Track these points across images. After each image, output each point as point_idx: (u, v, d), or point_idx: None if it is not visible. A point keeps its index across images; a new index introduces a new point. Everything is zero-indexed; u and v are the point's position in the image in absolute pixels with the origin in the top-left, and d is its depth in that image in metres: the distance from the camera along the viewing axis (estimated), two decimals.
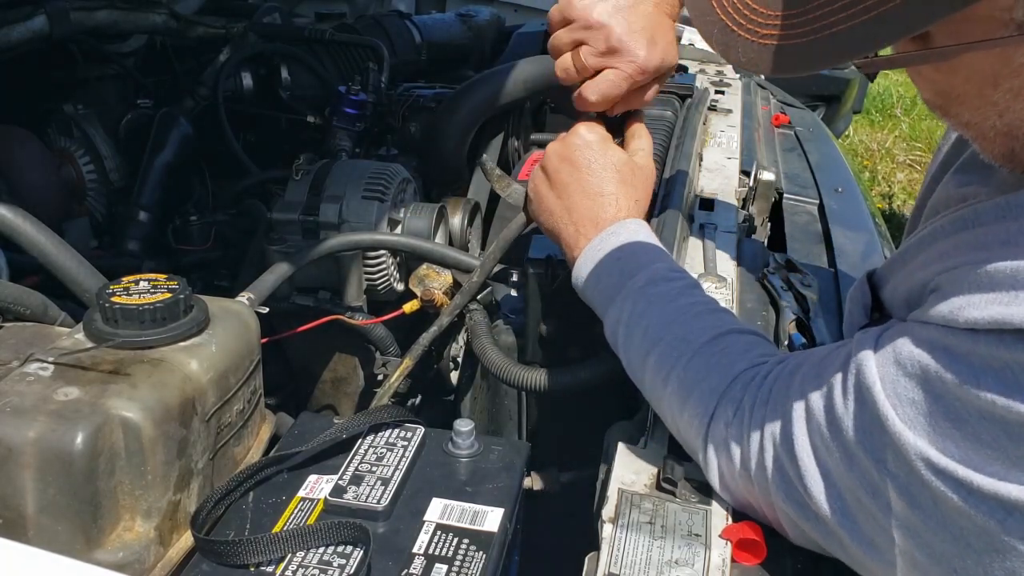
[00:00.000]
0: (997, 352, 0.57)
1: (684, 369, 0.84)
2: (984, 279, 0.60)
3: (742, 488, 0.79)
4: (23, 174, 1.56)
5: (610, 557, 0.75)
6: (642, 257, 0.96)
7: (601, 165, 1.03)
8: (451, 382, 1.60)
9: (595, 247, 0.98)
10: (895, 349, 0.65)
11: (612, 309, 0.93)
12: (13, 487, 0.70)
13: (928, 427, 0.61)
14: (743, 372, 0.81)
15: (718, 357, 0.83)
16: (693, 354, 0.84)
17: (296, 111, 1.94)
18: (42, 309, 0.94)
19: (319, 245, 1.31)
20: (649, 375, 0.88)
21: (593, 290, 0.97)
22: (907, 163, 5.41)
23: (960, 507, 0.59)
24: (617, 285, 0.94)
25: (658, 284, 0.92)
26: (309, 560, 0.75)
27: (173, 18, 1.83)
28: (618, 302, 0.93)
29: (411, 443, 0.90)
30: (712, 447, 0.81)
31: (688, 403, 0.83)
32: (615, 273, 0.95)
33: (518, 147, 2.06)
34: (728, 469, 0.79)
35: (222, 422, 0.84)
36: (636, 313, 0.90)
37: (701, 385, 0.82)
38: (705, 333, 0.86)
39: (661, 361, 0.86)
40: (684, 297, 0.91)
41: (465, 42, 2.60)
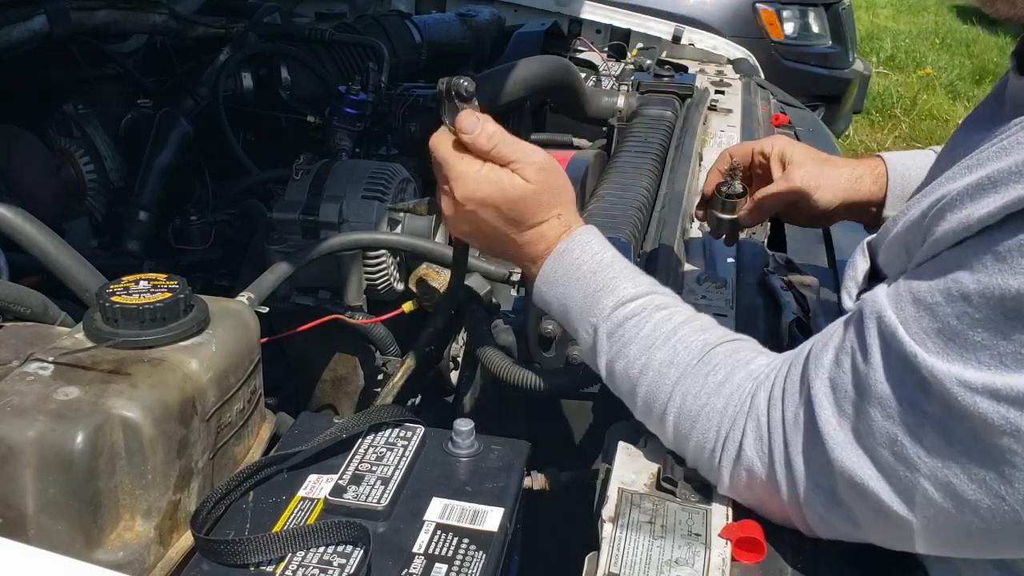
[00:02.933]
0: (1019, 234, 0.57)
1: (681, 398, 0.80)
2: (987, 183, 0.60)
3: (765, 499, 0.77)
4: (23, 174, 1.56)
5: (610, 557, 0.75)
6: (600, 277, 0.88)
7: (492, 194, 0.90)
8: (451, 382, 1.60)
9: (548, 275, 0.91)
10: (910, 290, 0.65)
11: (585, 340, 0.89)
12: (13, 487, 0.70)
13: (960, 349, 0.60)
14: (743, 383, 0.79)
15: (713, 376, 0.80)
16: (684, 378, 0.81)
17: (296, 111, 1.94)
18: (42, 309, 0.94)
19: (319, 245, 1.31)
20: (642, 407, 0.84)
21: (561, 316, 0.92)
22: None
23: (1001, 423, 0.59)
24: (583, 313, 0.88)
25: (627, 305, 0.86)
26: (309, 560, 0.75)
27: (173, 18, 1.83)
28: (590, 335, 0.87)
29: (411, 443, 0.90)
30: (729, 469, 0.78)
31: (693, 433, 0.80)
32: (577, 298, 0.88)
33: None
34: (748, 484, 0.77)
35: (222, 422, 0.84)
36: (614, 347, 0.85)
37: (704, 411, 0.79)
38: (690, 353, 0.82)
39: (653, 393, 0.82)
40: (657, 315, 0.85)
41: (465, 42, 2.60)
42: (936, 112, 6.32)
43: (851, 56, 4.75)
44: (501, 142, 0.89)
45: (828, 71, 4.56)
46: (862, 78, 4.80)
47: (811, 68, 4.47)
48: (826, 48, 4.58)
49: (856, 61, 4.82)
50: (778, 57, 4.31)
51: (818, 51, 4.54)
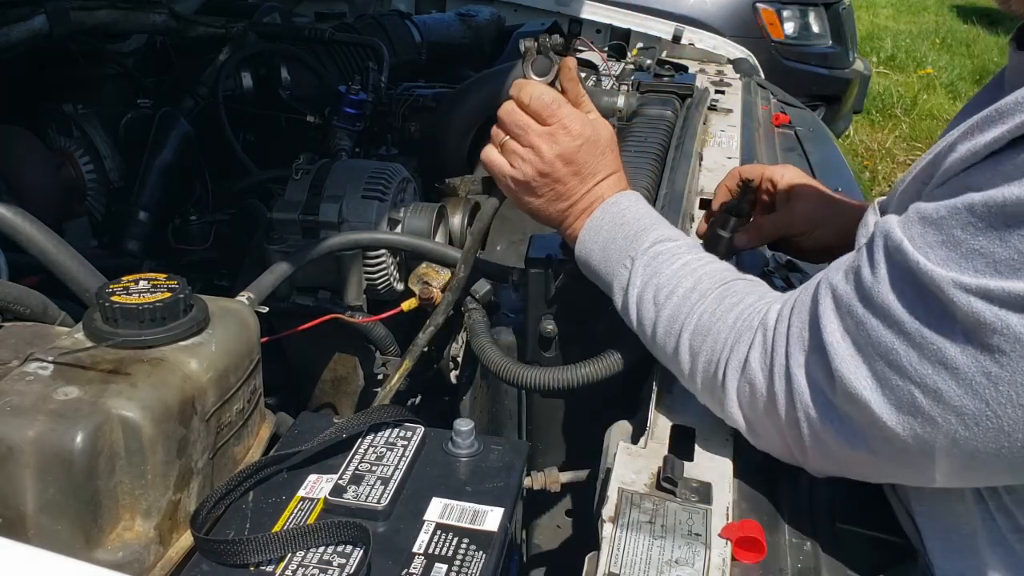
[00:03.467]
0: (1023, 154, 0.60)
1: (698, 316, 0.85)
2: (993, 115, 0.63)
3: (765, 418, 0.79)
4: (23, 174, 1.56)
5: (610, 557, 0.75)
6: (644, 222, 0.96)
7: (585, 141, 1.00)
8: (451, 382, 1.60)
9: (596, 221, 0.98)
10: (917, 211, 0.68)
11: (620, 275, 0.94)
12: (13, 486, 0.70)
13: (959, 258, 0.63)
14: (755, 304, 0.83)
15: (729, 298, 0.85)
16: (703, 300, 0.86)
17: (296, 111, 1.94)
18: (42, 309, 0.94)
19: (319, 244, 1.31)
20: (662, 330, 0.89)
21: (600, 260, 0.98)
22: (907, 163, 5.41)
23: (993, 321, 0.61)
24: (624, 250, 0.95)
25: (664, 243, 0.93)
26: (309, 560, 0.75)
27: (173, 18, 1.83)
28: (627, 267, 0.94)
29: (411, 443, 0.90)
30: (731, 381, 0.81)
31: (704, 345, 0.84)
32: (619, 239, 0.96)
33: None
34: (749, 400, 0.80)
35: (222, 421, 0.84)
36: (647, 274, 0.91)
37: (716, 325, 0.83)
38: (713, 280, 0.87)
39: (674, 313, 0.87)
40: (689, 253, 0.92)
41: (465, 42, 2.60)
42: (936, 112, 6.32)
43: (851, 56, 4.75)
44: (585, 92, 1.04)
45: (828, 71, 4.56)
46: (862, 78, 4.80)
47: (811, 68, 4.47)
48: (826, 48, 4.58)
49: (856, 61, 4.82)
50: (778, 57, 4.31)
51: (818, 51, 4.54)
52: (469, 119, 1.83)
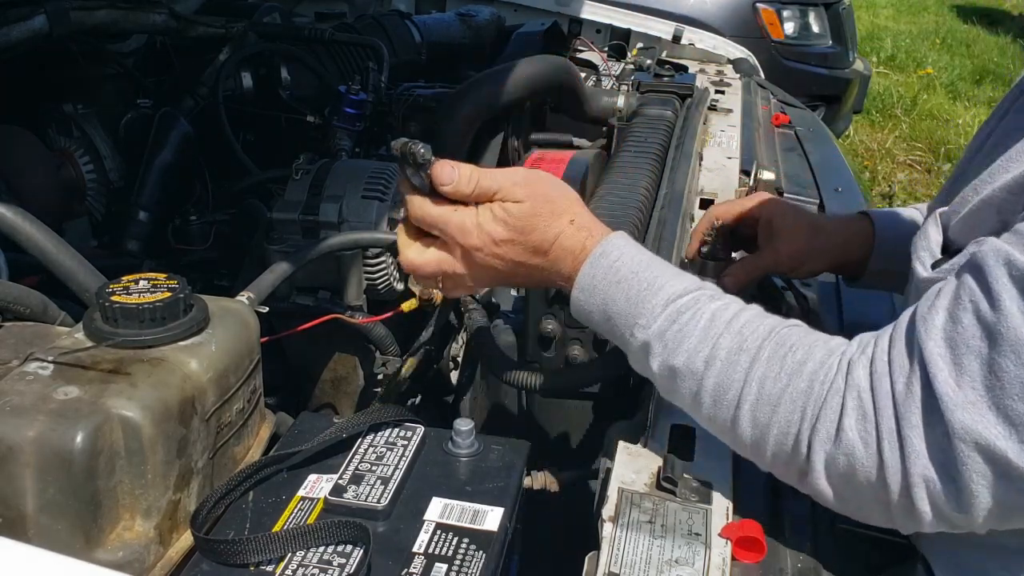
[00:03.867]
0: None
1: (758, 383, 0.75)
2: None
3: (866, 489, 0.71)
4: (23, 174, 1.56)
5: (610, 556, 0.75)
6: (643, 276, 0.83)
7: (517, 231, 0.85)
8: (451, 382, 1.60)
9: (586, 279, 0.85)
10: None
11: (631, 344, 0.83)
12: (13, 486, 0.70)
13: None
14: (826, 360, 0.73)
15: (791, 356, 0.74)
16: (758, 362, 0.75)
17: (296, 111, 1.94)
18: (42, 308, 0.94)
19: (319, 244, 1.31)
20: (709, 401, 0.78)
21: (601, 323, 0.86)
22: (907, 163, 5.41)
23: None
24: (629, 316, 0.82)
25: (677, 300, 0.81)
26: (309, 559, 0.75)
27: (173, 18, 1.83)
28: (637, 337, 0.82)
29: (411, 442, 0.90)
30: (820, 454, 0.72)
31: (775, 418, 0.74)
32: (620, 301, 0.83)
33: (518, 147, 2.06)
34: (846, 471, 0.71)
35: (222, 421, 0.84)
36: (671, 342, 0.79)
37: (787, 393, 0.73)
38: (759, 336, 0.76)
39: (722, 382, 0.77)
40: (712, 302, 0.80)
41: (465, 42, 2.60)
42: (936, 112, 6.32)
43: (851, 56, 4.75)
44: (479, 177, 0.85)
45: (828, 71, 4.56)
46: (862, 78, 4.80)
47: (811, 68, 4.48)
48: (826, 48, 4.58)
49: (856, 61, 4.83)
50: (778, 57, 4.32)
51: (818, 51, 4.54)
52: (469, 119, 1.83)
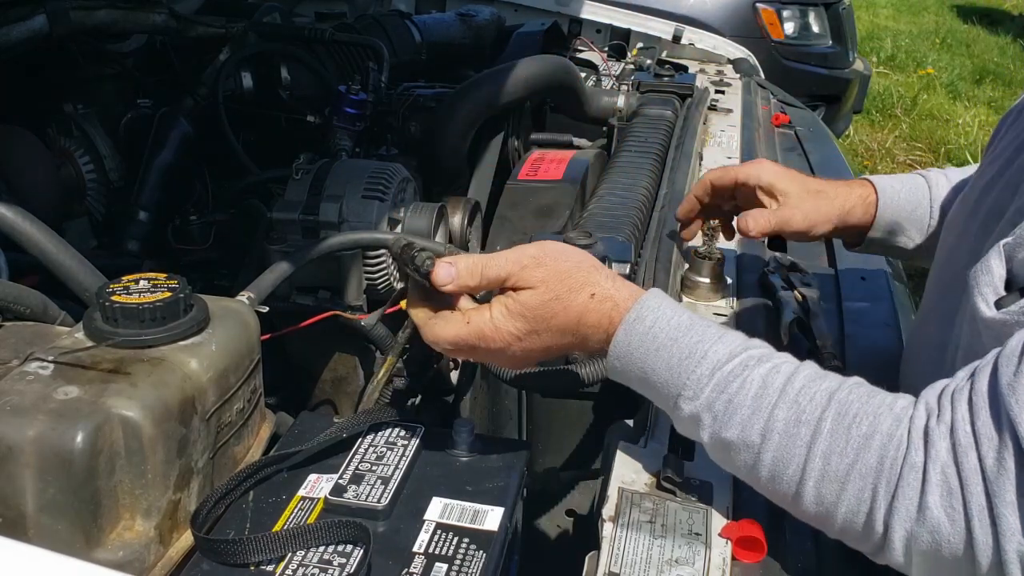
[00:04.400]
0: None
1: (822, 459, 0.70)
2: None
3: (950, 565, 0.66)
4: (23, 174, 1.56)
5: (610, 556, 0.75)
6: (684, 341, 0.78)
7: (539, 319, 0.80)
8: (451, 382, 1.60)
9: (621, 347, 0.80)
10: None
11: (676, 413, 0.78)
12: (13, 486, 0.70)
13: None
14: (895, 431, 0.68)
15: (856, 428, 0.69)
16: (819, 435, 0.70)
17: (296, 111, 1.93)
18: (42, 308, 0.94)
19: (319, 244, 1.31)
20: (767, 475, 0.73)
21: (645, 389, 0.81)
22: (907, 163, 5.41)
23: None
24: (672, 385, 0.77)
25: (724, 366, 0.75)
26: (309, 559, 0.75)
27: (173, 18, 1.83)
28: (682, 407, 0.77)
29: (411, 442, 0.90)
30: (900, 531, 0.67)
31: (844, 495, 0.69)
32: (660, 370, 0.78)
33: (518, 147, 2.06)
34: (931, 549, 0.66)
35: (222, 421, 0.84)
36: (722, 414, 0.74)
37: (856, 470, 0.68)
38: (817, 405, 0.71)
39: (782, 457, 0.72)
40: (760, 369, 0.75)
41: (465, 42, 2.60)
42: (936, 112, 6.31)
43: (851, 56, 4.75)
44: (482, 267, 0.81)
45: (828, 71, 4.56)
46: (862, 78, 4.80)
47: (811, 68, 4.47)
48: (826, 48, 4.58)
49: (856, 61, 4.82)
50: (778, 57, 4.31)
51: (818, 51, 4.54)
52: (469, 119, 1.83)
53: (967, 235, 0.93)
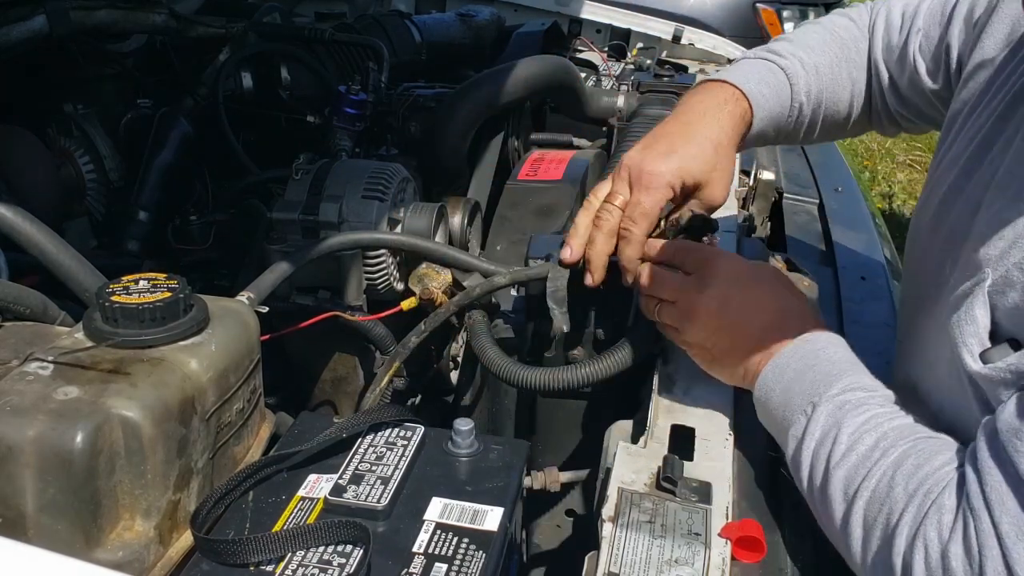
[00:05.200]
0: None
1: (876, 479, 0.73)
2: None
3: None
4: (23, 174, 1.56)
5: (610, 556, 0.75)
6: (839, 366, 0.85)
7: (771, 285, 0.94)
8: (451, 382, 1.60)
9: (784, 358, 0.87)
10: None
11: (797, 423, 0.83)
12: (13, 486, 0.70)
13: None
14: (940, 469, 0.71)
15: (912, 459, 0.72)
16: (884, 459, 0.74)
17: (296, 111, 1.93)
18: (42, 308, 0.94)
19: (319, 244, 1.31)
20: (835, 492, 0.77)
21: (780, 403, 0.86)
22: (907, 163, 5.41)
23: None
24: (806, 395, 0.83)
25: (854, 392, 0.81)
26: (309, 559, 0.75)
27: (173, 18, 1.82)
28: (806, 414, 0.82)
29: (411, 442, 0.90)
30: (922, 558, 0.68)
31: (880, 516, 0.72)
32: (805, 382, 0.84)
33: (518, 147, 2.06)
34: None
35: (222, 421, 0.84)
36: (827, 425, 0.80)
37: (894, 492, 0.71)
38: (898, 435, 0.75)
39: (851, 475, 0.76)
40: (882, 407, 0.80)
41: (465, 42, 2.59)
42: None
43: None
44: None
45: None
46: None
47: None
48: None
49: None
50: None
51: None
52: (469, 119, 1.83)
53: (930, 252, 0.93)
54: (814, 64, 1.14)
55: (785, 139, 1.21)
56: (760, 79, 1.10)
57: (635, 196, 0.99)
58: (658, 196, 0.99)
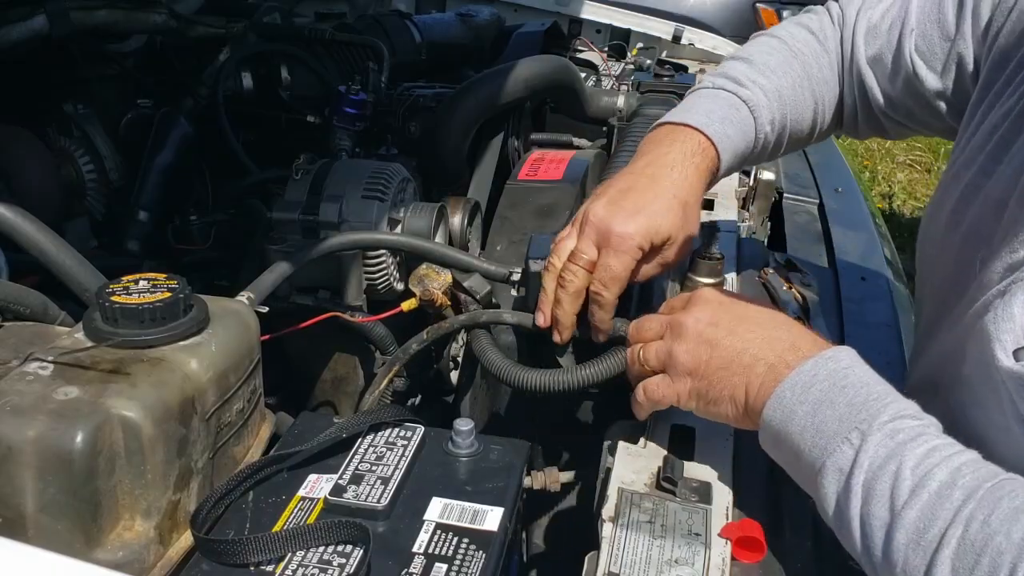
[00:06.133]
0: None
1: (964, 524, 0.63)
2: None
3: None
4: (23, 174, 1.56)
5: (610, 556, 0.75)
6: (875, 388, 0.75)
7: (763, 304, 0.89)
8: (451, 382, 1.60)
9: (805, 376, 0.77)
10: None
11: (840, 452, 0.72)
12: (13, 486, 0.70)
13: None
14: None
15: (1007, 501, 0.63)
16: (970, 501, 0.64)
17: (296, 111, 1.94)
18: (42, 308, 0.94)
19: (319, 244, 1.31)
20: (904, 537, 0.66)
21: (805, 427, 0.75)
22: (907, 163, 5.41)
23: None
24: (847, 420, 0.73)
25: (905, 420, 0.72)
26: (309, 559, 0.75)
27: (173, 18, 1.82)
28: (853, 444, 0.72)
29: (411, 442, 0.90)
30: None
31: (979, 568, 0.62)
32: (840, 404, 0.74)
33: (518, 147, 2.06)
34: None
35: (222, 421, 0.84)
36: (883, 456, 0.70)
37: (995, 540, 0.62)
38: (978, 476, 0.66)
39: (927, 516, 0.65)
40: (939, 438, 0.71)
41: (465, 42, 2.59)
42: None
43: None
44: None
45: None
46: None
47: None
48: None
49: None
50: None
51: None
52: (469, 119, 1.83)
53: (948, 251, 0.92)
54: (776, 89, 1.10)
55: (746, 165, 1.19)
56: (724, 118, 1.06)
57: (604, 259, 0.95)
58: (628, 259, 0.94)
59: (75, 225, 1.69)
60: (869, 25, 1.11)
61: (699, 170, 1.02)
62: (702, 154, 1.02)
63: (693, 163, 1.01)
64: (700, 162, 1.02)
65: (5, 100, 1.61)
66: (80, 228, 1.71)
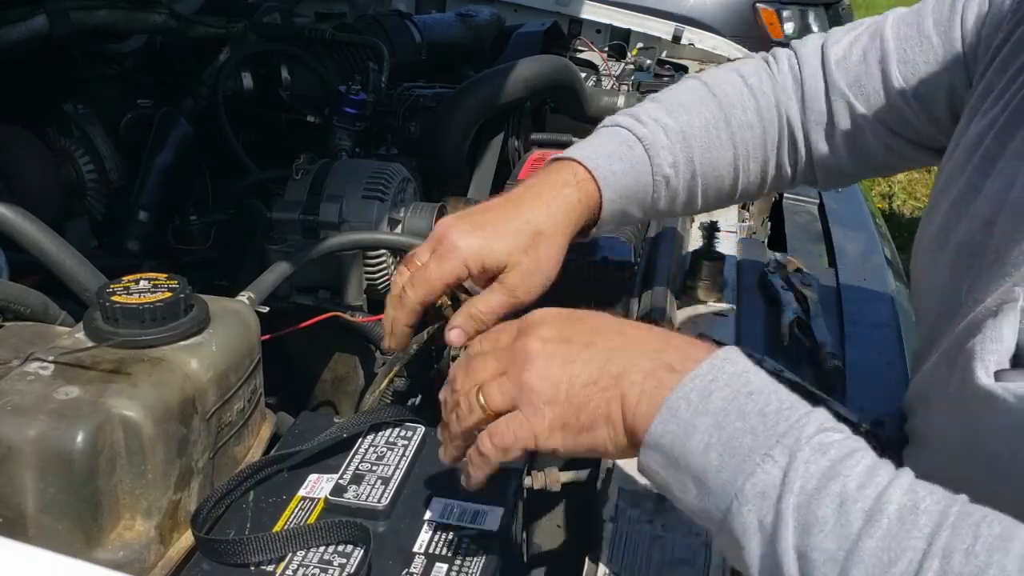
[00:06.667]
0: None
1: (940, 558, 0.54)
2: None
3: None
4: (23, 174, 1.56)
5: (610, 556, 0.75)
6: (785, 397, 0.63)
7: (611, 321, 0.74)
8: None
9: (700, 382, 0.64)
10: None
11: (760, 474, 0.59)
12: (13, 486, 0.70)
13: None
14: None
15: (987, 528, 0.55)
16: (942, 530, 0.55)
17: (296, 111, 1.94)
18: (42, 308, 0.94)
19: (319, 244, 1.31)
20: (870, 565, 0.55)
21: (708, 445, 0.62)
22: None
23: None
24: (764, 435, 0.61)
25: (830, 433, 0.61)
26: (309, 559, 0.75)
27: (173, 18, 1.82)
28: (775, 460, 0.59)
29: (412, 442, 0.90)
30: None
31: None
32: (751, 416, 0.62)
33: (518, 147, 2.06)
34: None
35: (222, 421, 0.84)
36: (819, 476, 0.58)
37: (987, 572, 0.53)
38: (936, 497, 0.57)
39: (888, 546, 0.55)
40: (871, 453, 0.61)
41: (465, 42, 2.59)
42: None
43: None
44: None
45: None
46: None
47: None
48: None
49: None
50: None
51: None
52: (469, 119, 1.83)
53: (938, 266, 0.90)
54: (680, 130, 1.03)
55: (659, 215, 1.11)
56: (611, 154, 1.00)
57: (427, 262, 0.90)
58: (446, 269, 0.88)
59: (75, 225, 1.69)
60: (837, 58, 1.06)
61: (567, 202, 0.96)
62: (576, 186, 0.97)
63: (562, 194, 0.96)
64: (571, 194, 0.96)
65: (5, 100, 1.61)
66: (80, 228, 1.71)
